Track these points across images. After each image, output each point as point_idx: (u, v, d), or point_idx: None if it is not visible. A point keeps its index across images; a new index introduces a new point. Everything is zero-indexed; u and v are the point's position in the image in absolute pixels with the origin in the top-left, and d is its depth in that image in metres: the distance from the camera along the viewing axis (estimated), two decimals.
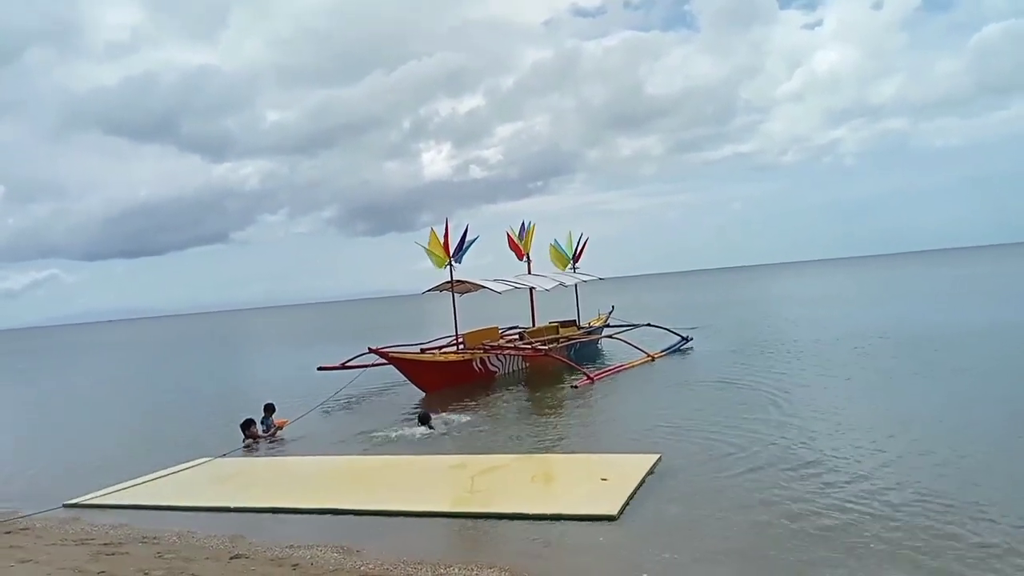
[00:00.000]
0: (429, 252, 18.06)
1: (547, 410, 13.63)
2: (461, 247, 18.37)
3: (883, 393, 12.53)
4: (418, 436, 11.91)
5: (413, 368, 16.90)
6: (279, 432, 13.00)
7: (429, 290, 19.45)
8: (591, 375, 16.18)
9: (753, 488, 7.63)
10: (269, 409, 13.33)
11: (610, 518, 6.90)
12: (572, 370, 17.32)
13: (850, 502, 6.97)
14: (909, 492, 7.15)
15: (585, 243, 24.57)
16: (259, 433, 12.70)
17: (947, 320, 23.25)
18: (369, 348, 16.92)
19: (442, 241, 17.93)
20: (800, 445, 9.28)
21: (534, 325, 21.78)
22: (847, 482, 7.59)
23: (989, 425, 9.66)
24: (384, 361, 16.94)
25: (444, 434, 11.96)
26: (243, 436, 12.54)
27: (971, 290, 38.57)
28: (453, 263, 18.13)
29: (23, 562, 6.68)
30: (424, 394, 16.40)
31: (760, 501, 7.20)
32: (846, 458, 8.50)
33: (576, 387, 15.39)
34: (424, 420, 12.48)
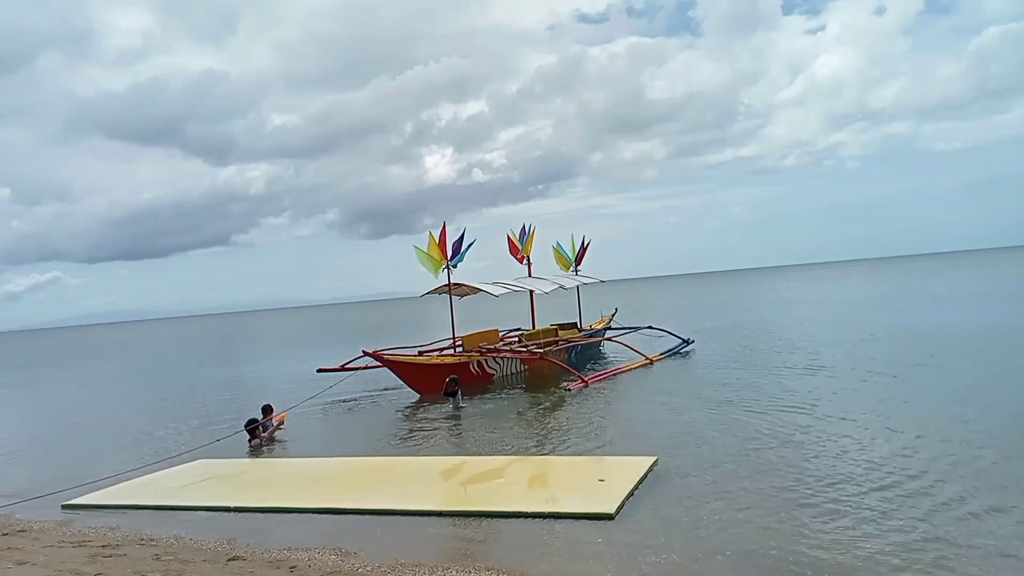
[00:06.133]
0: (425, 256, 18.02)
1: (544, 412, 13.62)
2: (458, 251, 18.36)
3: (883, 396, 12.50)
4: (455, 406, 13.98)
5: (407, 371, 16.85)
6: (278, 430, 13.07)
7: (428, 293, 19.45)
8: (585, 378, 16.15)
9: (750, 490, 7.63)
10: (267, 411, 13.36)
11: (608, 517, 6.91)
12: (570, 373, 17.31)
13: (848, 504, 6.97)
14: (908, 494, 7.15)
15: (587, 246, 24.60)
16: (262, 435, 12.71)
17: (949, 323, 23.24)
18: (364, 351, 16.86)
19: (439, 245, 17.92)
20: (798, 447, 9.28)
21: (534, 327, 21.78)
22: (845, 484, 7.58)
23: (991, 429, 9.63)
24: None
25: (465, 408, 13.88)
26: (248, 438, 12.53)
27: (974, 294, 38.52)
28: (450, 266, 18.12)
29: (20, 564, 6.66)
30: (419, 396, 16.38)
31: (757, 503, 7.20)
32: (844, 460, 8.49)
33: (569, 390, 15.38)
34: (452, 393, 13.88)
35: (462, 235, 18.43)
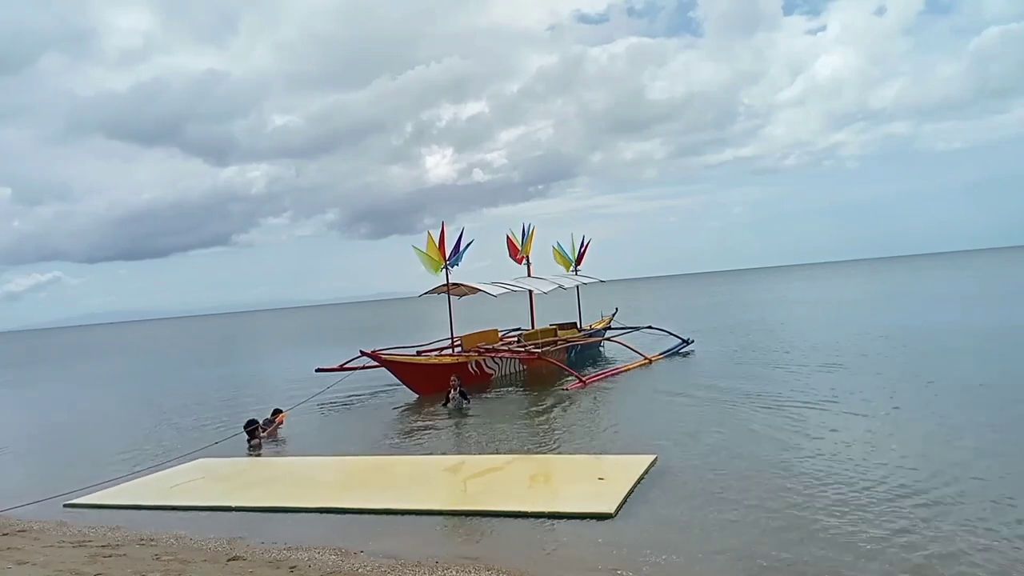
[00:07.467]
0: (424, 255, 18.03)
1: (544, 412, 13.62)
2: (457, 251, 18.37)
3: (883, 396, 12.51)
4: (457, 406, 14.11)
5: (405, 371, 16.82)
6: (278, 428, 13.14)
7: (426, 293, 19.45)
8: (583, 378, 16.15)
9: (749, 489, 7.63)
10: (276, 414, 13.46)
11: (607, 516, 6.93)
12: (569, 372, 17.31)
13: (846, 504, 6.97)
14: (909, 494, 7.15)
15: (587, 246, 24.60)
16: (262, 435, 12.73)
17: (949, 323, 23.25)
18: (361, 351, 16.83)
19: (438, 245, 17.93)
20: (797, 447, 9.29)
21: (533, 327, 21.78)
22: (843, 484, 7.59)
23: (991, 429, 9.64)
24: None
25: (468, 408, 14.09)
26: (248, 439, 12.54)
27: (974, 294, 38.53)
28: (449, 266, 18.13)
29: (20, 564, 6.66)
30: (417, 396, 16.37)
31: (756, 502, 7.20)
32: (843, 461, 8.49)
33: (567, 390, 15.39)
34: (464, 395, 14.17)
35: (460, 235, 18.46)
